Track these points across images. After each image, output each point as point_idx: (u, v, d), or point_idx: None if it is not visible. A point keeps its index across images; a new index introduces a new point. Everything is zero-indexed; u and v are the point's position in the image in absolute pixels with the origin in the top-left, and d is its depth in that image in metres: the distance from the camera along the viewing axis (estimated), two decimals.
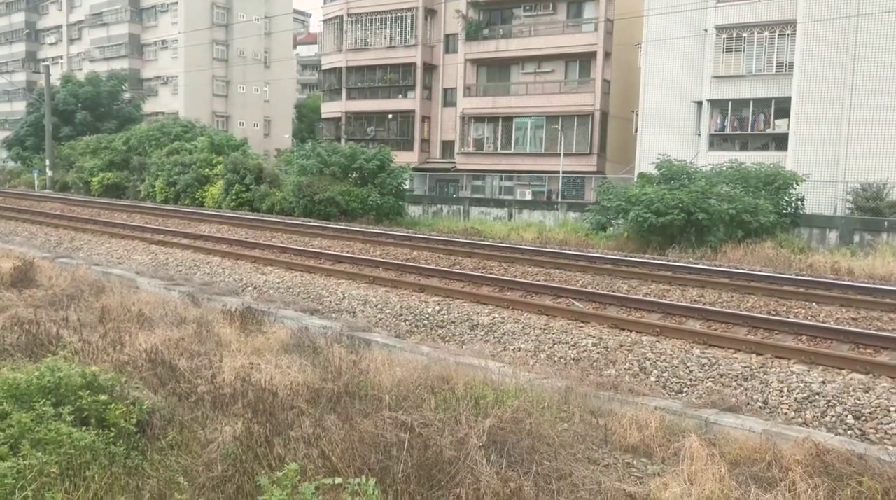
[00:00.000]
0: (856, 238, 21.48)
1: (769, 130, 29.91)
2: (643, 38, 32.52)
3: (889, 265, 17.05)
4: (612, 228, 23.07)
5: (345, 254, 15.58)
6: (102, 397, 5.54)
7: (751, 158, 25.32)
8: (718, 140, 31.18)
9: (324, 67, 48.35)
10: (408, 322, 10.79)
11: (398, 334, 10.19)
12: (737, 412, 6.94)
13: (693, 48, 30.57)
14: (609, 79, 37.58)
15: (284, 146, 61.11)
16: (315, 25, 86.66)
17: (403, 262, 14.60)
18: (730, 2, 29.61)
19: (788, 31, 28.41)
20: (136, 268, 14.87)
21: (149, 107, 58.59)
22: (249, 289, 13.03)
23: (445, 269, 13.76)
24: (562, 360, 8.98)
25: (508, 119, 39.66)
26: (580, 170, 36.84)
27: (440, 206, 32.53)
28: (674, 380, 8.16)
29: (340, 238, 18.88)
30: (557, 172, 35.89)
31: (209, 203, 32.06)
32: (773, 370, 8.09)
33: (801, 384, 7.66)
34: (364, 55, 44.70)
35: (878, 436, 6.64)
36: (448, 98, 43.31)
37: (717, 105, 30.75)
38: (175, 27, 58.31)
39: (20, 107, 65.04)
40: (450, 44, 42.86)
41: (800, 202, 22.68)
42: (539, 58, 38.85)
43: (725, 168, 23.56)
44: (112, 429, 5.27)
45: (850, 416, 7.01)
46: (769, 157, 26.63)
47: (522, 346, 9.53)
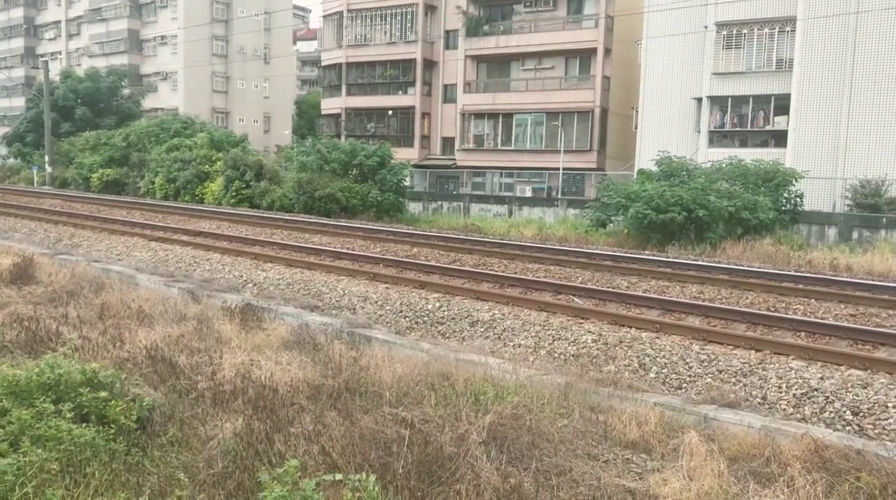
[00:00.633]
0: (854, 235, 21.49)
1: (769, 127, 29.88)
2: (643, 34, 32.47)
3: (887, 262, 17.06)
4: (612, 225, 23.08)
5: (345, 251, 15.59)
6: (102, 393, 5.55)
7: (750, 155, 25.33)
8: (718, 137, 31.16)
9: (324, 63, 48.28)
10: (408, 319, 10.80)
11: (398, 330, 10.21)
12: (736, 408, 6.96)
13: (693, 45, 30.54)
14: (609, 75, 37.54)
15: (284, 143, 61.06)
16: (315, 21, 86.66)
17: (404, 259, 14.60)
18: None
19: (788, 27, 28.38)
20: (136, 265, 14.88)
21: (148, 103, 58.53)
22: (249, 286, 13.04)
23: (445, 266, 13.78)
24: (561, 356, 8.99)
25: (508, 116, 39.62)
26: (580, 167, 36.82)
27: (440, 202, 32.51)
28: (673, 376, 8.18)
29: (340, 235, 18.89)
30: (557, 169, 35.87)
31: (209, 200, 32.04)
32: (772, 366, 8.11)
33: (800, 380, 7.69)
34: (364, 51, 44.63)
35: (876, 432, 6.67)
36: (448, 94, 43.27)
37: (717, 102, 30.73)
38: (174, 23, 58.18)
39: (19, 103, 65.03)
40: (450, 40, 42.80)
41: (799, 199, 22.68)
42: (539, 54, 38.80)
43: (725, 165, 23.56)
44: (112, 426, 5.28)
45: (849, 412, 7.03)
46: (768, 153, 26.64)
47: (522, 342, 9.55)
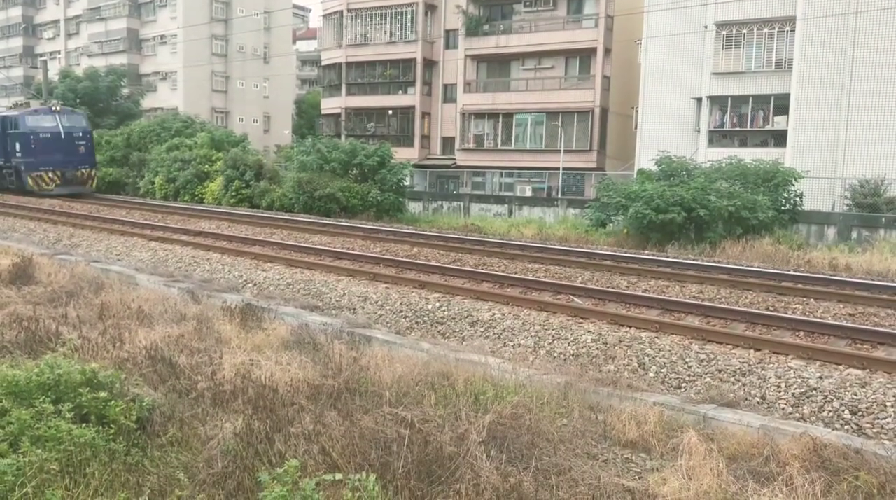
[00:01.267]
0: (853, 234, 21.50)
1: (768, 127, 29.88)
2: (643, 34, 32.48)
3: (886, 261, 17.07)
4: (612, 225, 23.09)
5: (345, 250, 15.60)
6: (102, 394, 5.56)
7: (750, 155, 25.33)
8: (718, 137, 31.16)
9: (323, 63, 48.27)
10: (408, 319, 10.81)
11: (398, 330, 10.22)
12: (735, 408, 6.97)
13: (693, 45, 30.54)
14: (609, 75, 37.54)
15: (284, 142, 61.01)
16: (315, 21, 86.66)
17: (404, 258, 14.61)
18: None
19: (788, 27, 28.39)
20: (136, 265, 14.89)
21: (147, 102, 58.43)
22: (249, 286, 13.05)
23: (446, 265, 13.79)
24: (561, 356, 9.00)
25: (508, 115, 39.62)
26: (580, 166, 36.82)
27: (440, 202, 32.49)
28: (672, 376, 8.19)
29: (340, 235, 18.90)
30: (557, 169, 35.86)
31: (209, 200, 32.02)
32: (771, 366, 8.12)
33: (799, 380, 7.71)
34: (364, 51, 44.62)
35: (875, 431, 6.69)
36: (448, 94, 43.26)
37: (717, 101, 30.73)
38: (174, 22, 58.10)
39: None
40: (450, 39, 42.79)
41: (798, 199, 22.68)
42: (539, 54, 38.80)
43: (725, 165, 23.55)
44: (112, 426, 5.29)
45: (847, 411, 7.05)
46: (768, 153, 26.64)
47: (522, 342, 9.56)
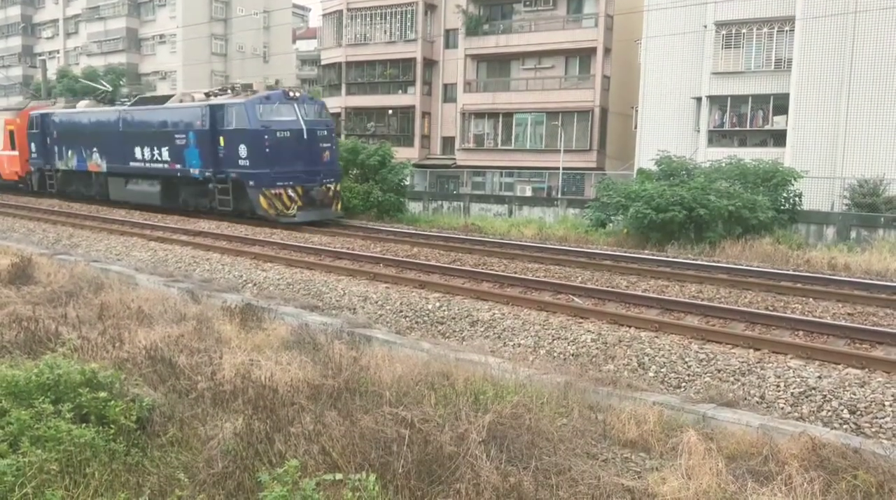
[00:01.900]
0: (853, 234, 21.50)
1: (768, 127, 29.88)
2: (643, 34, 32.48)
3: (885, 261, 17.07)
4: (612, 225, 23.08)
5: (345, 250, 15.59)
6: (102, 394, 5.56)
7: (749, 155, 25.31)
8: (717, 136, 31.16)
9: (323, 62, 48.23)
10: (408, 319, 10.82)
11: (398, 330, 10.22)
12: (734, 407, 6.98)
13: (692, 44, 30.54)
14: (609, 75, 37.53)
15: None
16: (314, 20, 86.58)
17: (404, 258, 14.61)
18: None
19: (787, 27, 28.40)
20: (136, 265, 14.89)
21: None
22: (249, 286, 13.05)
23: (446, 265, 13.79)
24: (561, 356, 9.01)
25: (508, 115, 39.60)
26: (580, 166, 36.80)
27: (440, 202, 32.47)
28: (672, 375, 8.20)
29: (340, 235, 18.89)
30: (557, 169, 35.85)
31: None
32: (771, 365, 8.13)
33: (798, 379, 7.71)
34: (364, 50, 44.59)
35: (873, 430, 6.69)
36: (448, 94, 43.23)
37: (717, 101, 30.73)
38: (173, 21, 58.00)
39: (16, 101, 64.86)
40: (450, 39, 42.77)
41: (798, 198, 22.67)
42: (539, 53, 38.78)
43: (724, 164, 23.54)
44: (112, 426, 5.29)
45: (846, 410, 7.06)
46: (767, 153, 26.63)
47: (522, 342, 9.57)
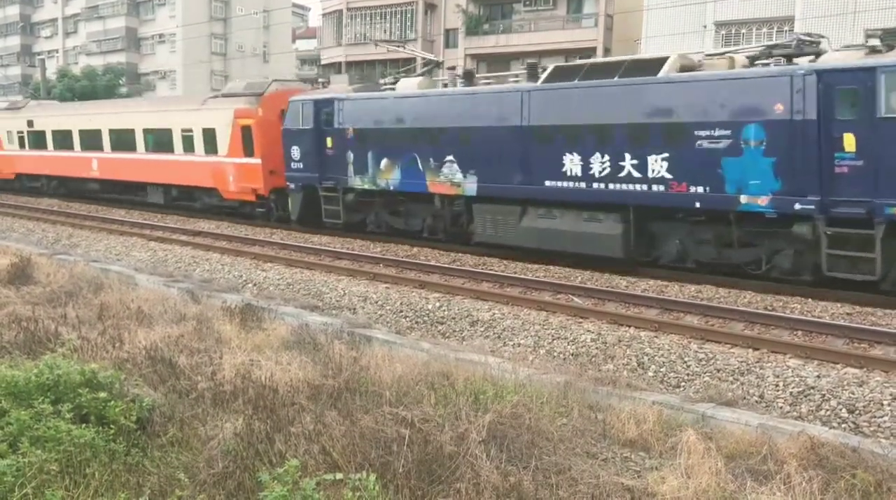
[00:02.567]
0: None
1: None
2: (642, 33, 32.50)
3: None
4: None
5: (345, 250, 15.59)
6: (102, 394, 5.58)
7: None
8: None
9: (323, 62, 48.23)
10: (408, 319, 10.83)
11: (398, 330, 10.24)
12: (733, 407, 7.00)
13: (692, 44, 30.47)
14: None
15: None
16: (314, 20, 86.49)
17: (404, 258, 14.61)
18: None
19: (786, 27, 28.46)
20: (135, 265, 14.90)
21: None
22: (249, 286, 13.06)
23: (445, 265, 13.79)
24: (561, 355, 9.03)
25: None
26: None
27: None
28: (671, 375, 8.22)
29: (340, 235, 18.86)
30: None
31: None
32: (770, 365, 8.15)
33: (797, 379, 7.73)
34: (363, 50, 44.59)
35: (872, 429, 6.71)
36: None
37: None
38: (173, 21, 57.95)
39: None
40: (450, 39, 42.78)
41: None
42: (539, 53, 38.69)
43: None
44: (112, 426, 5.31)
45: (845, 410, 7.07)
46: None
47: (522, 342, 9.58)
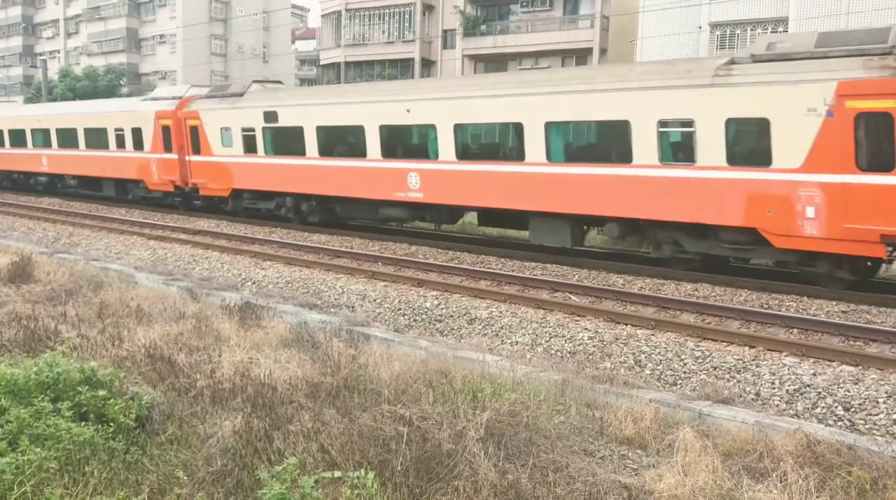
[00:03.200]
0: None
1: None
2: (638, 34, 32.57)
3: None
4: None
5: (343, 249, 15.62)
6: (101, 392, 5.60)
7: None
8: None
9: (322, 63, 48.30)
10: (406, 317, 10.85)
11: (397, 328, 10.26)
12: (730, 404, 7.02)
13: (687, 45, 30.63)
14: None
15: None
16: (313, 20, 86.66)
17: (402, 257, 14.65)
18: None
19: (781, 28, 28.54)
20: (135, 263, 14.92)
21: None
22: (248, 284, 13.08)
23: (444, 263, 13.82)
24: (558, 353, 9.05)
25: None
26: None
27: None
28: (668, 373, 8.25)
29: (339, 233, 18.89)
30: None
31: None
32: (766, 363, 8.19)
33: (793, 376, 7.76)
34: (362, 50, 44.64)
35: (868, 427, 6.74)
36: None
37: None
38: (173, 22, 58.03)
39: (17, 101, 64.91)
40: (448, 39, 42.85)
41: None
42: (536, 54, 38.80)
43: None
44: (111, 424, 5.34)
45: (841, 407, 7.10)
46: None
47: (520, 339, 9.60)
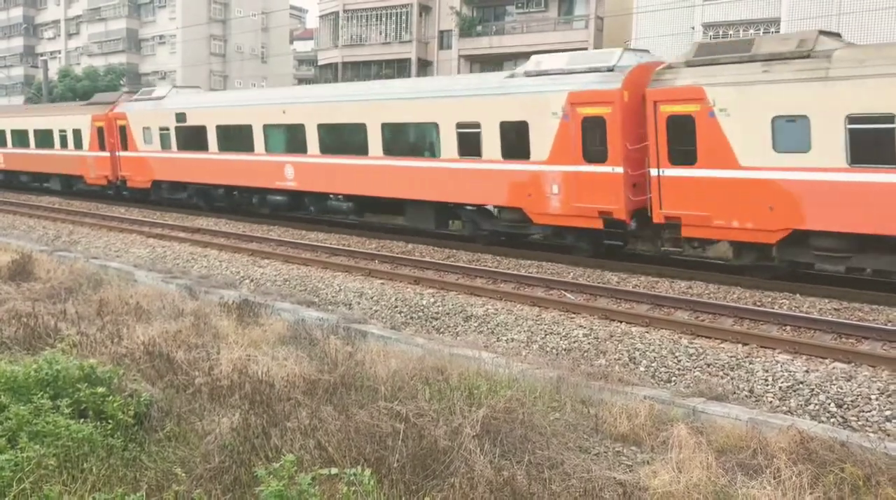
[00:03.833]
0: None
1: None
2: (632, 35, 32.65)
3: None
4: None
5: (341, 247, 15.66)
6: (100, 389, 5.64)
7: None
8: None
9: (320, 63, 48.34)
10: (403, 314, 10.88)
11: (393, 325, 10.29)
12: (723, 401, 7.06)
13: (681, 45, 30.64)
14: None
15: None
16: (311, 21, 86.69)
17: (399, 254, 14.68)
18: (716, 0, 29.87)
19: (773, 29, 28.66)
20: (134, 261, 14.96)
21: None
22: (247, 282, 13.11)
23: (440, 261, 13.86)
24: (553, 350, 9.08)
25: None
26: None
27: None
28: (662, 370, 8.28)
29: (336, 232, 18.92)
30: None
31: None
32: (759, 360, 8.22)
33: (786, 373, 7.80)
34: (360, 51, 44.68)
35: (860, 423, 6.77)
36: None
37: None
38: (173, 22, 58.07)
39: (18, 101, 64.80)
40: (444, 40, 42.95)
41: None
42: (531, 54, 38.71)
43: None
44: (110, 421, 5.37)
45: (833, 404, 7.14)
46: None
47: (515, 337, 9.64)
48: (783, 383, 7.62)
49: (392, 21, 43.73)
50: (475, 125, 14.58)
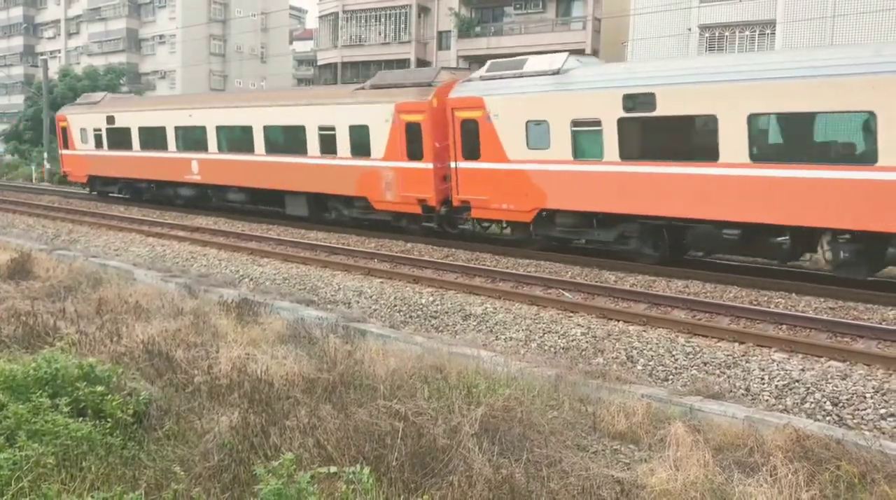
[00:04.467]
0: None
1: None
2: (629, 36, 32.68)
3: None
4: None
5: (340, 246, 15.70)
6: (99, 388, 5.64)
7: None
8: None
9: (319, 63, 48.36)
10: (402, 313, 10.91)
11: (392, 324, 10.31)
12: (720, 399, 7.08)
13: (678, 46, 30.77)
14: None
15: None
16: (311, 22, 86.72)
17: (398, 254, 14.73)
18: (712, 2, 29.89)
19: (768, 30, 28.68)
20: (134, 260, 14.97)
21: None
22: (246, 280, 13.14)
23: (439, 260, 13.91)
24: (552, 349, 9.11)
25: None
26: None
27: None
28: (660, 368, 8.31)
29: (335, 230, 18.95)
30: None
31: None
32: (755, 358, 8.25)
33: (782, 372, 7.83)
34: (359, 51, 44.71)
35: (855, 422, 6.79)
36: None
37: None
38: (173, 22, 58.06)
39: (18, 100, 64.79)
40: (442, 41, 43.02)
41: None
42: (529, 55, 38.87)
43: None
44: (109, 420, 5.38)
45: (829, 402, 7.16)
46: None
47: (514, 336, 9.67)
48: (779, 381, 7.65)
49: (391, 22, 43.79)
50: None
